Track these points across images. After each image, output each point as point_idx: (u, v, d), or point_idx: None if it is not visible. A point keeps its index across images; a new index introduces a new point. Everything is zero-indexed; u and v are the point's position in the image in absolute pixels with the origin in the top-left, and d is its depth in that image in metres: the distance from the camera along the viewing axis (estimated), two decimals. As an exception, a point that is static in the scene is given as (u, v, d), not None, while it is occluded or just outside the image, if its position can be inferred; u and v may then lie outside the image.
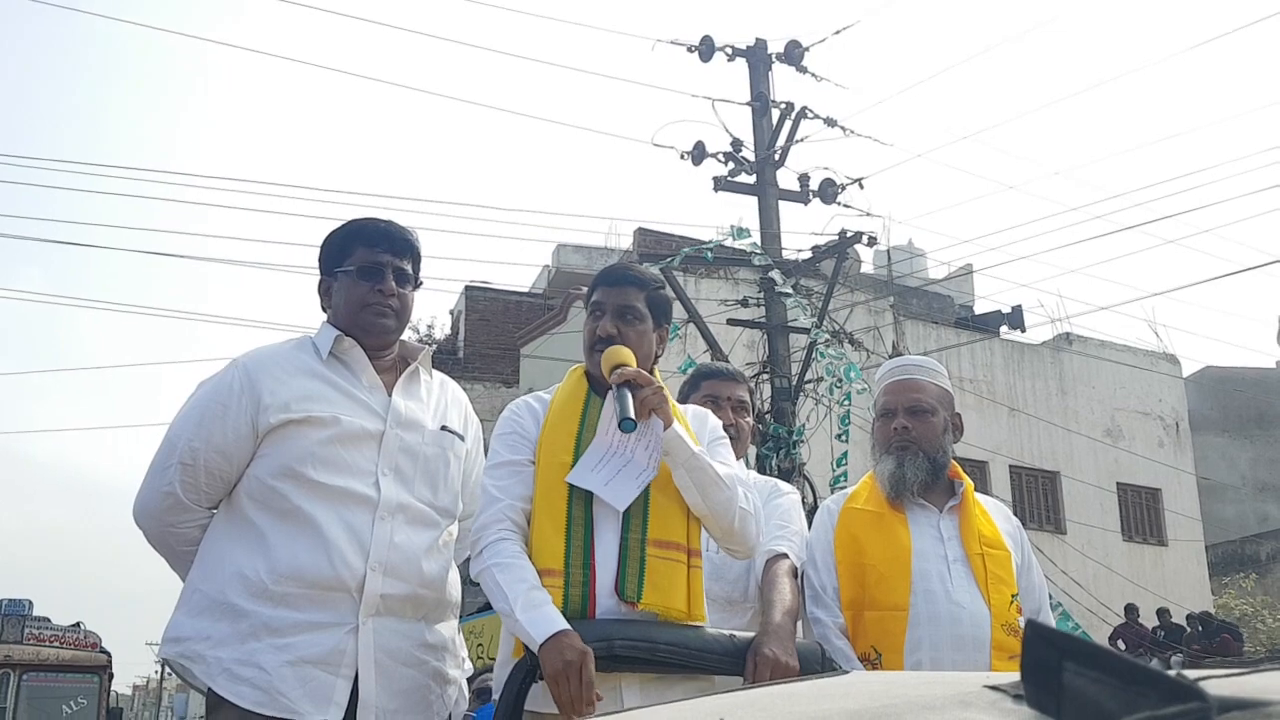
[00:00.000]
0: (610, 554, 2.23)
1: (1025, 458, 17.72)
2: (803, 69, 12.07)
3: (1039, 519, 17.46)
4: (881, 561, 2.59)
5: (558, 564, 2.20)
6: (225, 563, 2.25)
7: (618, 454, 2.26)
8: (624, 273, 2.48)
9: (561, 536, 2.22)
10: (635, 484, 2.25)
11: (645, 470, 2.25)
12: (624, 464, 2.25)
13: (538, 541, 2.24)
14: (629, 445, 2.26)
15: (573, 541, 2.22)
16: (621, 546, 2.23)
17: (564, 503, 2.25)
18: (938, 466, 2.68)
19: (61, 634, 11.10)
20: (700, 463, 2.27)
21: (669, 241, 14.94)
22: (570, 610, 2.15)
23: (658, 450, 2.26)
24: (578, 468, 2.26)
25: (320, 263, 2.48)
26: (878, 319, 16.04)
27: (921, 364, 2.84)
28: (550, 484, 2.27)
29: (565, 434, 2.32)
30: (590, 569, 2.21)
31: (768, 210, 11.68)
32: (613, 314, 2.38)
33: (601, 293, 2.42)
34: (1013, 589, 2.62)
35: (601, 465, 2.26)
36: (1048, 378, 18.57)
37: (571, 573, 2.20)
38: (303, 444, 2.26)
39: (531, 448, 2.34)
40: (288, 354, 2.39)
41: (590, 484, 2.25)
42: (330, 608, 2.21)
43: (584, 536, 2.23)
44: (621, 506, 2.24)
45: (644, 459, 2.26)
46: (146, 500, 2.33)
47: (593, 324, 2.40)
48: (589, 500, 2.26)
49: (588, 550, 2.22)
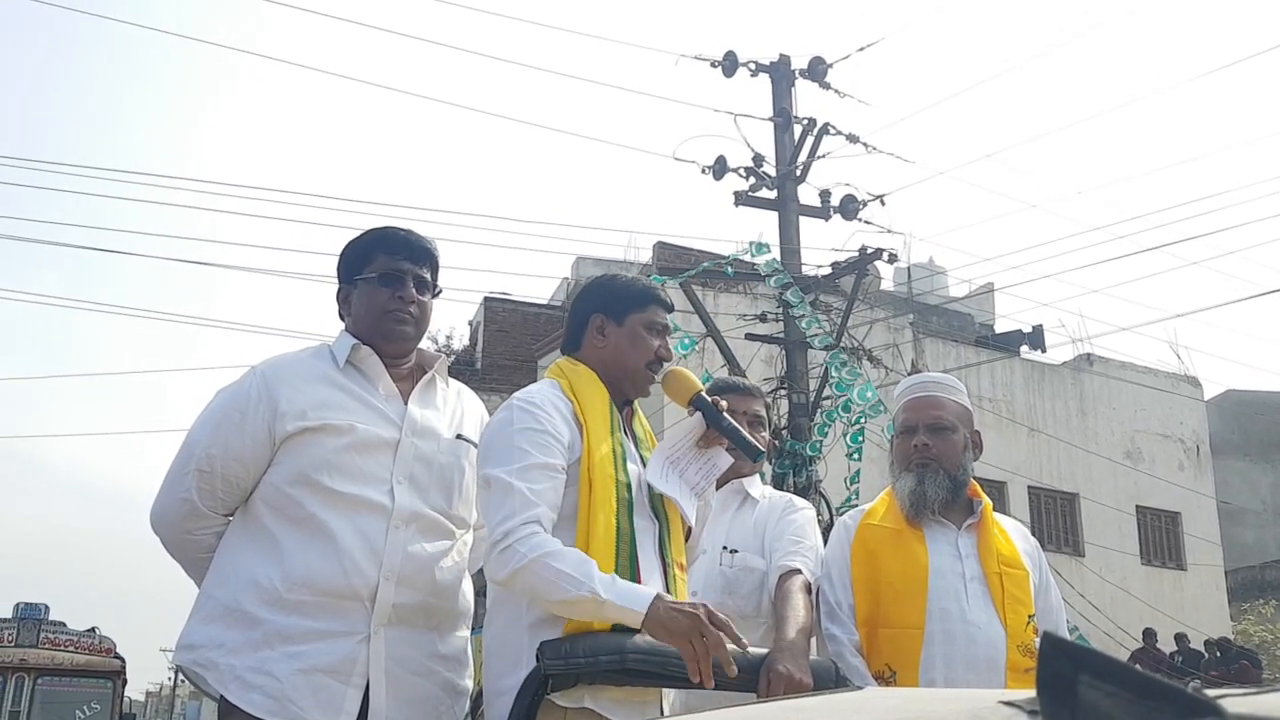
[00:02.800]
0: (655, 571, 2.24)
1: (1044, 479, 17.60)
2: (826, 85, 12.08)
3: (1057, 541, 17.33)
4: (898, 579, 2.58)
5: None
6: (240, 570, 2.26)
7: (673, 470, 2.32)
8: (667, 296, 2.52)
9: (612, 552, 2.18)
10: (691, 501, 2.34)
11: (693, 492, 2.34)
12: (679, 481, 2.32)
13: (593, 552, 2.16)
14: (683, 463, 2.32)
15: (620, 558, 2.19)
16: (664, 564, 2.27)
17: (614, 517, 2.21)
18: (958, 484, 2.67)
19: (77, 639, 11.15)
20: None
21: (688, 255, 14.95)
22: (619, 628, 2.12)
23: (711, 477, 2.34)
24: (649, 473, 2.31)
25: (340, 271, 2.49)
26: (897, 336, 16.00)
27: (942, 381, 2.83)
28: (604, 497, 2.20)
29: (610, 449, 2.27)
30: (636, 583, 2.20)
31: (788, 226, 11.67)
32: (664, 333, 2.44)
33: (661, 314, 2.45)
34: (1030, 609, 2.60)
35: (664, 477, 2.31)
36: (1068, 398, 18.46)
37: None
38: (319, 452, 2.26)
39: (564, 452, 2.23)
40: (305, 362, 2.40)
41: (671, 493, 2.30)
42: (343, 616, 2.21)
43: (630, 553, 2.21)
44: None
45: (694, 479, 2.34)
46: (164, 507, 2.34)
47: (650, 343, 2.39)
48: (632, 516, 2.25)
49: (634, 567, 2.20)
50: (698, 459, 2.32)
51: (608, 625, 2.09)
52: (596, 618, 2.05)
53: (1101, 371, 18.80)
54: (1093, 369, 18.76)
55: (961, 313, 19.45)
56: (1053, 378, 18.51)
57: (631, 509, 2.25)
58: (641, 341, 2.39)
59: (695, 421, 2.33)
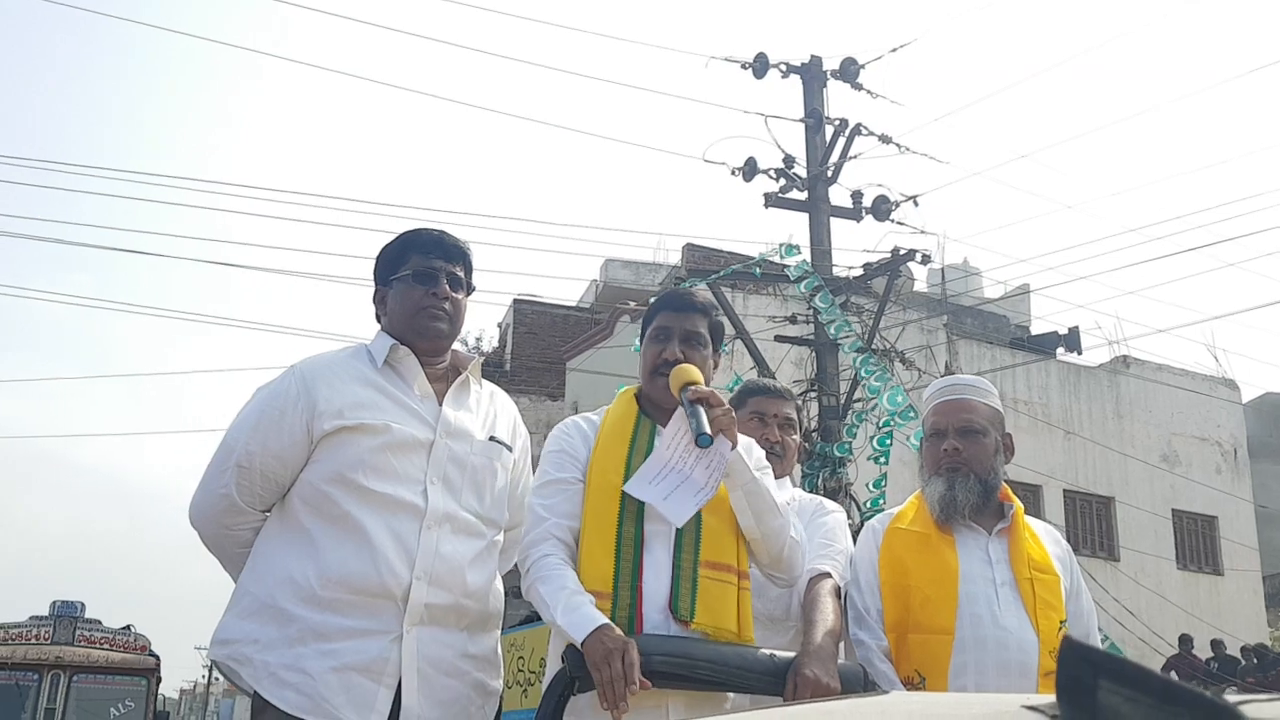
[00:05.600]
0: (662, 573, 2.24)
1: (1079, 482, 17.43)
2: (858, 86, 12.03)
3: (1092, 545, 17.16)
4: (927, 583, 2.56)
5: (606, 586, 2.22)
6: (275, 566, 2.29)
7: (676, 470, 2.26)
8: (689, 299, 2.53)
9: (611, 557, 2.24)
10: (694, 501, 2.25)
11: (704, 489, 2.25)
12: (681, 481, 2.25)
13: (586, 563, 2.25)
14: (688, 463, 2.25)
15: (622, 561, 2.23)
16: (675, 566, 2.25)
17: (614, 523, 2.27)
18: (989, 489, 2.64)
19: (111, 636, 11.27)
20: (759, 487, 2.32)
21: (718, 257, 14.93)
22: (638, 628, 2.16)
23: (719, 471, 2.26)
24: (634, 479, 2.27)
25: (375, 273, 2.53)
26: (931, 338, 15.89)
27: (972, 383, 2.81)
28: (601, 504, 2.29)
29: (616, 455, 2.34)
30: (638, 589, 2.22)
31: (819, 227, 11.63)
32: (681, 339, 2.41)
33: (667, 317, 2.45)
34: (1061, 615, 2.57)
35: (659, 480, 2.25)
36: (1104, 401, 18.27)
37: (620, 594, 2.21)
38: (355, 451, 2.29)
39: (580, 467, 2.37)
40: (343, 361, 2.43)
41: (648, 496, 2.25)
42: (375, 615, 2.23)
43: (634, 556, 2.24)
44: (679, 523, 2.25)
45: (703, 478, 2.26)
46: (202, 502, 2.38)
47: (658, 347, 2.42)
48: (639, 520, 2.27)
49: (636, 570, 2.23)
50: (705, 456, 2.25)
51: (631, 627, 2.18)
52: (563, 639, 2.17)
53: (1138, 374, 18.59)
54: (1129, 371, 18.55)
55: (996, 314, 19.28)
56: (1089, 380, 18.32)
57: (641, 514, 2.27)
58: (649, 351, 2.45)
59: (680, 416, 2.28)
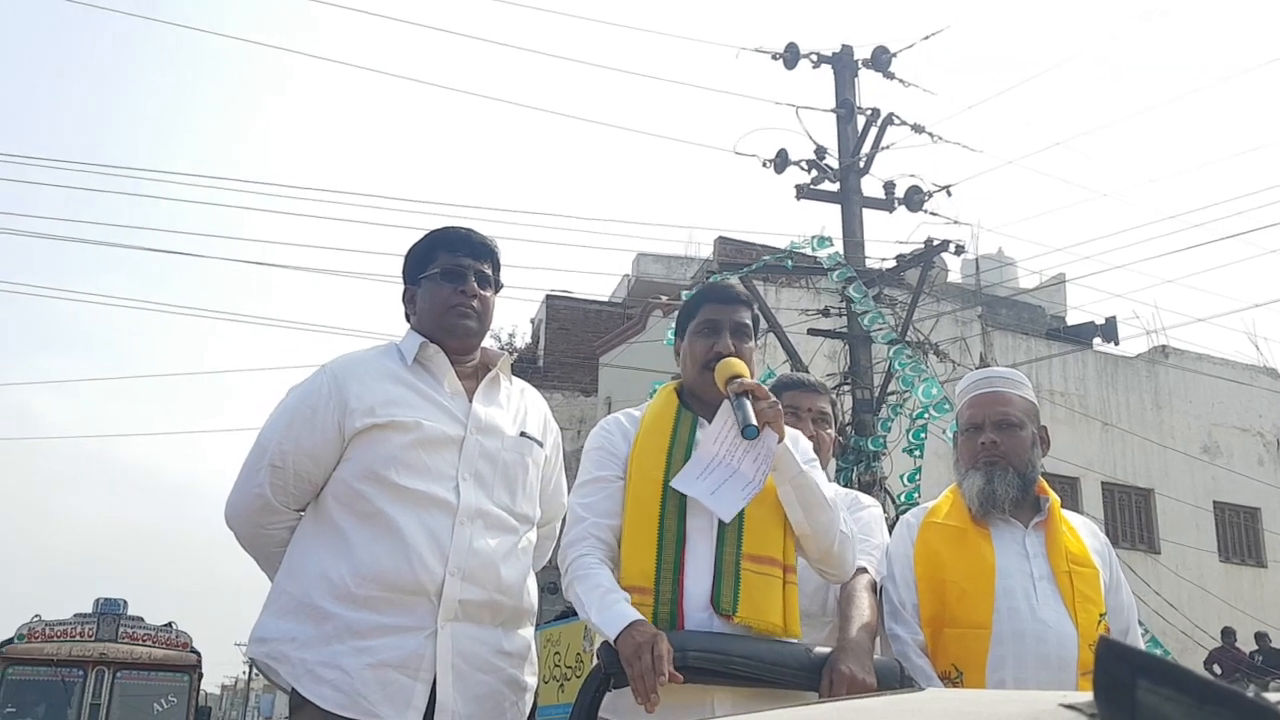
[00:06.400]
0: (704, 568, 2.23)
1: (1118, 474, 17.23)
2: (890, 75, 11.95)
3: (1132, 538, 16.96)
4: (963, 577, 2.54)
5: (648, 581, 2.21)
6: (310, 565, 2.30)
7: (723, 464, 2.24)
8: (734, 291, 2.52)
9: (652, 552, 2.23)
10: (741, 495, 2.23)
11: (751, 483, 2.23)
12: (729, 475, 2.23)
13: (628, 558, 2.25)
14: (735, 456, 2.24)
15: (664, 556, 2.23)
16: (716, 561, 2.24)
17: (656, 518, 2.26)
18: (1027, 482, 2.62)
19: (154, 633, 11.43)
20: (808, 480, 2.29)
21: (750, 250, 14.89)
22: (659, 624, 2.15)
23: (767, 464, 2.24)
24: (681, 475, 2.26)
25: (404, 273, 2.54)
26: (965, 329, 15.76)
27: (1007, 376, 2.78)
28: (642, 499, 2.29)
29: (657, 450, 2.34)
30: (679, 584, 2.21)
31: (851, 218, 11.57)
32: (730, 331, 2.40)
33: (714, 310, 2.43)
34: (1101, 608, 2.55)
35: (706, 474, 2.24)
36: (1142, 391, 18.04)
37: (661, 589, 2.21)
38: (387, 448, 2.31)
39: (620, 464, 2.36)
40: (374, 360, 2.45)
41: (695, 491, 2.23)
42: (410, 611, 2.25)
43: (675, 551, 2.24)
44: (727, 517, 2.23)
45: (750, 471, 2.23)
46: (238, 502, 2.40)
47: (708, 341, 2.40)
48: (681, 515, 2.26)
49: (678, 565, 2.22)
50: (752, 449, 2.23)
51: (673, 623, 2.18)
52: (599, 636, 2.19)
53: (1177, 364, 18.34)
54: (1168, 361, 18.31)
55: (1032, 305, 19.09)
56: (1126, 370, 18.10)
57: (684, 509, 2.26)
58: (698, 345, 2.42)
59: (726, 408, 2.26)
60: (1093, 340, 17.61)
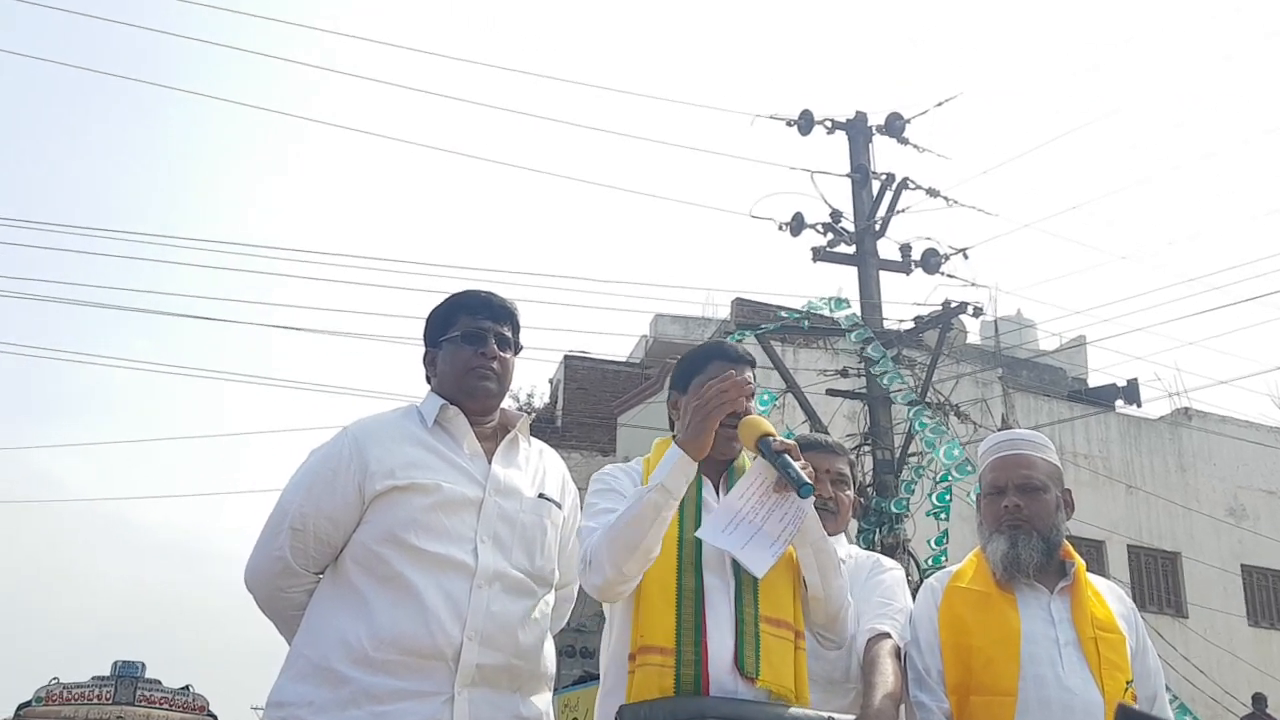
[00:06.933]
0: (725, 628, 2.19)
1: (1144, 537, 17.00)
2: (904, 140, 12.05)
3: (1159, 602, 16.69)
4: (989, 644, 2.50)
5: (669, 640, 2.16)
6: (329, 628, 2.29)
7: (747, 521, 2.21)
8: (741, 350, 2.50)
9: (672, 609, 2.18)
10: (770, 553, 2.20)
11: (777, 541, 2.21)
12: (754, 531, 2.20)
13: (647, 615, 2.19)
14: (760, 514, 2.21)
15: (683, 615, 2.18)
16: (737, 621, 2.20)
17: (674, 572, 2.22)
18: (1051, 546, 2.59)
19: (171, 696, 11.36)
20: (829, 545, 2.31)
21: (767, 311, 14.91)
22: (683, 688, 2.11)
23: (795, 524, 2.22)
24: (707, 528, 2.22)
25: (425, 335, 2.56)
26: (985, 391, 15.68)
27: (1029, 438, 2.76)
28: (660, 555, 2.21)
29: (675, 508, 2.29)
30: (702, 645, 2.17)
31: (868, 280, 11.60)
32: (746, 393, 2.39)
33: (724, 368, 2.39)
34: (1128, 675, 2.50)
35: (732, 529, 2.20)
36: (1166, 454, 17.88)
37: (683, 650, 2.15)
38: (406, 510, 2.30)
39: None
40: (394, 422, 2.46)
41: (725, 545, 2.20)
42: (428, 676, 2.22)
43: (695, 610, 2.19)
44: (760, 574, 2.20)
45: (776, 529, 2.21)
46: (258, 565, 2.39)
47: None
48: (699, 572, 2.23)
49: (699, 626, 2.18)
50: (780, 506, 2.21)
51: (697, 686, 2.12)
52: (670, 505, 2.16)
53: (1201, 426, 18.17)
54: (1191, 424, 18.14)
55: (1053, 366, 19.01)
56: (1150, 433, 17.95)
57: (700, 565, 2.23)
58: None
59: (760, 466, 2.24)
60: (1115, 402, 17.48)
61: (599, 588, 2.18)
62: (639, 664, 2.16)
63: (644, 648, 2.16)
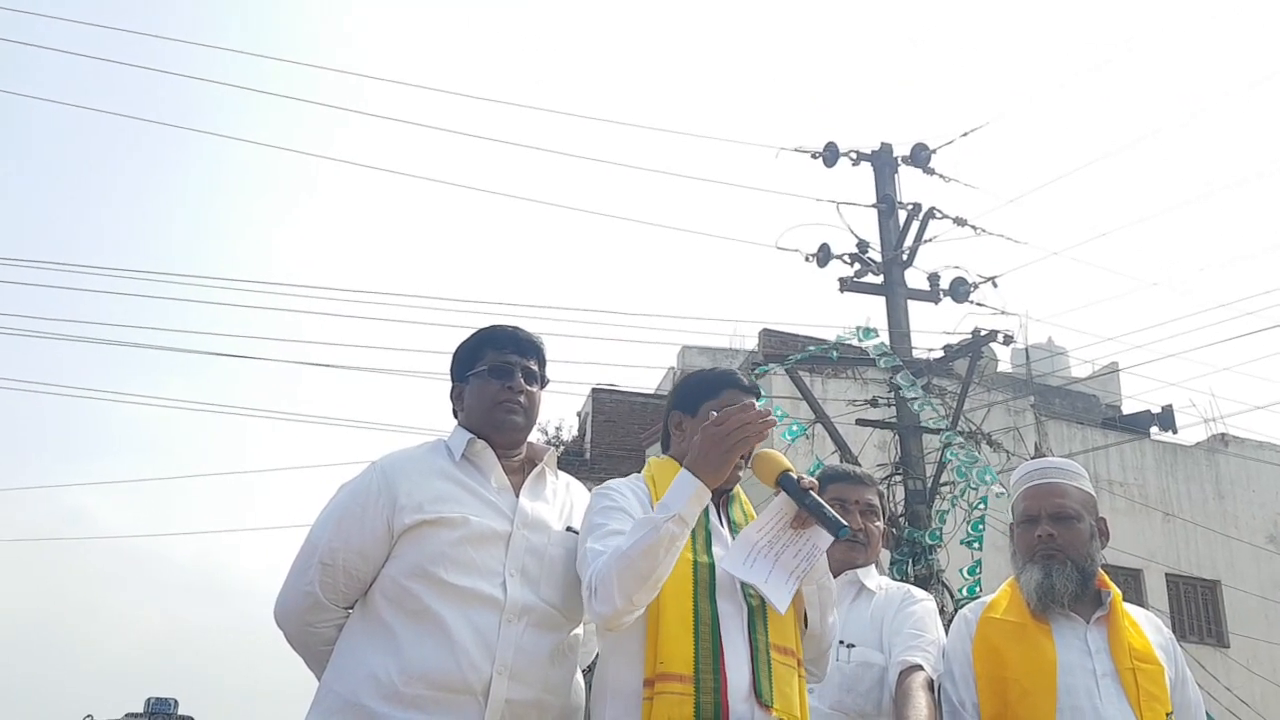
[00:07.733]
0: (741, 656, 2.17)
1: (1182, 565, 16.73)
2: (930, 171, 12.05)
3: (1199, 631, 16.39)
4: (1024, 675, 2.47)
5: (687, 668, 2.13)
6: (358, 663, 2.28)
7: (764, 555, 2.22)
8: (755, 384, 2.51)
9: (690, 636, 2.16)
10: (787, 587, 2.22)
11: (793, 575, 2.22)
12: (772, 565, 2.21)
13: (665, 642, 2.16)
14: (776, 548, 2.22)
15: (701, 642, 2.16)
16: (752, 648, 2.19)
17: (690, 600, 2.20)
18: (1086, 575, 2.56)
19: (204, 732, 11.37)
20: (831, 583, 2.34)
21: (794, 342, 14.85)
22: (702, 717, 2.08)
23: (811, 560, 2.23)
24: (730, 560, 2.22)
25: (452, 371, 2.58)
26: (1017, 419, 15.54)
27: (1062, 466, 2.73)
28: (676, 580, 2.20)
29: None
30: (721, 674, 2.15)
31: (896, 310, 11.55)
32: None
33: (737, 397, 2.41)
34: (1167, 707, 2.46)
35: (750, 561, 2.21)
36: (1203, 481, 17.61)
37: (702, 678, 2.13)
38: (435, 544, 2.30)
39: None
40: (422, 456, 2.46)
41: (749, 577, 2.20)
42: (457, 711, 2.21)
43: (712, 638, 2.18)
44: (783, 609, 2.20)
45: (791, 563, 2.22)
46: (287, 600, 2.40)
47: None
48: (713, 598, 2.22)
49: (717, 653, 2.16)
50: (795, 541, 2.22)
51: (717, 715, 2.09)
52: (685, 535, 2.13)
53: (1238, 452, 17.91)
54: (1228, 450, 17.89)
55: (1085, 394, 18.82)
56: (1186, 460, 17.70)
57: (714, 591, 2.22)
58: None
59: (781, 502, 2.24)
60: (1149, 429, 17.27)
61: (606, 617, 2.13)
62: (657, 691, 2.11)
63: (662, 675, 2.12)
